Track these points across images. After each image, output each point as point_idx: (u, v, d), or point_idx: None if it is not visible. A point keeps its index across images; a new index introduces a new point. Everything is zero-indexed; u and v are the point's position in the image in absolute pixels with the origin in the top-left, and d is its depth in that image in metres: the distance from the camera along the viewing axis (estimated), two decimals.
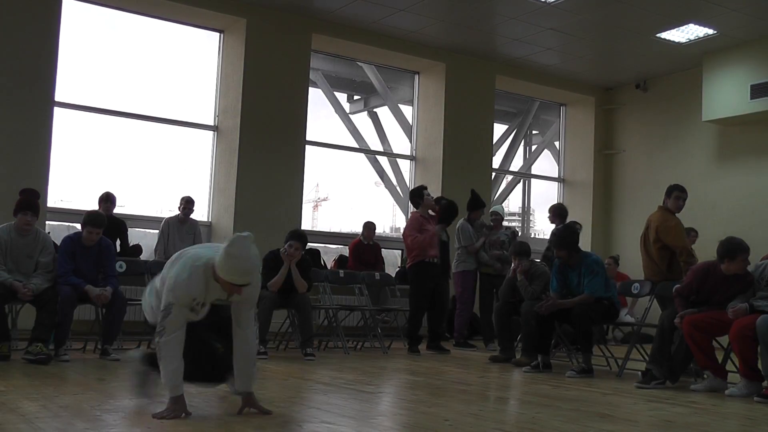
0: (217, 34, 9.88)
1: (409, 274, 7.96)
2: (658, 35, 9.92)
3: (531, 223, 14.02)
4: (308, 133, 9.91)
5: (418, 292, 7.84)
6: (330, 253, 11.02)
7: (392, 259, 11.20)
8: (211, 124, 9.79)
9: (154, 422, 3.35)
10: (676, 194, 6.60)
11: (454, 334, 8.75)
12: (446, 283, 8.51)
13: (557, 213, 8.86)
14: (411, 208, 11.15)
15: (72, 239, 6.14)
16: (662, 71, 11.49)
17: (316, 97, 10.63)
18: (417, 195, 8.05)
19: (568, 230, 6.67)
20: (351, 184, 11.74)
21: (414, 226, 7.87)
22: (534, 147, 13.74)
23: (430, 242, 7.79)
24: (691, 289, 5.58)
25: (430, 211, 8.10)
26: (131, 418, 3.53)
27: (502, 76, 11.42)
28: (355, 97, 12.31)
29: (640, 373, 5.75)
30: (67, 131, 8.69)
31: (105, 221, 6.31)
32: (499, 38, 10.41)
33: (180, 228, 8.42)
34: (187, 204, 8.54)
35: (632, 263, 9.30)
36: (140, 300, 4.06)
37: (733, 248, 5.36)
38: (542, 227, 14.13)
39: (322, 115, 10.90)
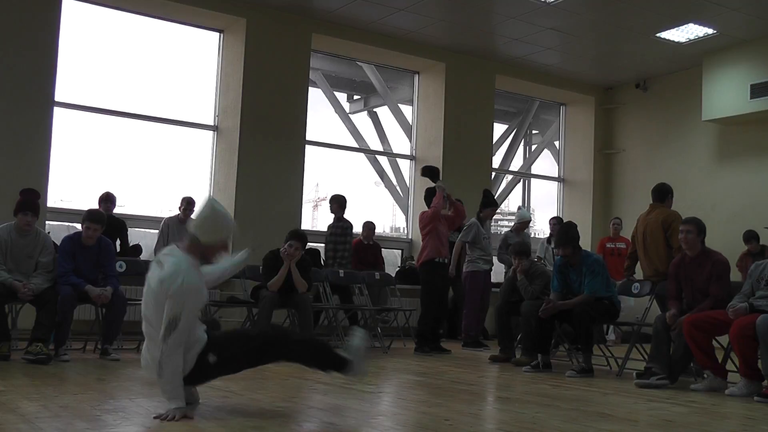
0: (217, 33, 9.88)
1: (420, 274, 7.94)
2: (658, 35, 9.92)
3: (531, 222, 14.00)
4: (308, 132, 9.91)
5: (428, 292, 7.81)
6: None
7: (392, 259, 11.19)
8: (211, 123, 9.79)
9: (153, 422, 3.35)
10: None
11: (462, 334, 8.71)
12: (457, 282, 8.55)
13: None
14: (411, 208, 11.25)
15: (72, 239, 6.15)
16: (662, 71, 11.49)
17: (316, 96, 10.63)
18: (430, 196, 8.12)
19: (569, 226, 6.61)
20: (351, 184, 11.73)
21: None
22: (534, 147, 13.73)
23: (442, 241, 7.80)
24: (673, 278, 5.77)
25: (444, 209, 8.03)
26: (131, 418, 3.53)
27: (502, 75, 11.42)
28: (355, 97, 12.30)
29: (635, 373, 5.74)
30: (67, 131, 8.70)
31: (104, 218, 6.32)
32: (499, 38, 10.41)
33: (180, 228, 8.41)
34: (188, 205, 8.55)
35: None
36: (140, 300, 4.05)
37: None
38: (542, 227, 14.13)
39: (322, 115, 10.90)
